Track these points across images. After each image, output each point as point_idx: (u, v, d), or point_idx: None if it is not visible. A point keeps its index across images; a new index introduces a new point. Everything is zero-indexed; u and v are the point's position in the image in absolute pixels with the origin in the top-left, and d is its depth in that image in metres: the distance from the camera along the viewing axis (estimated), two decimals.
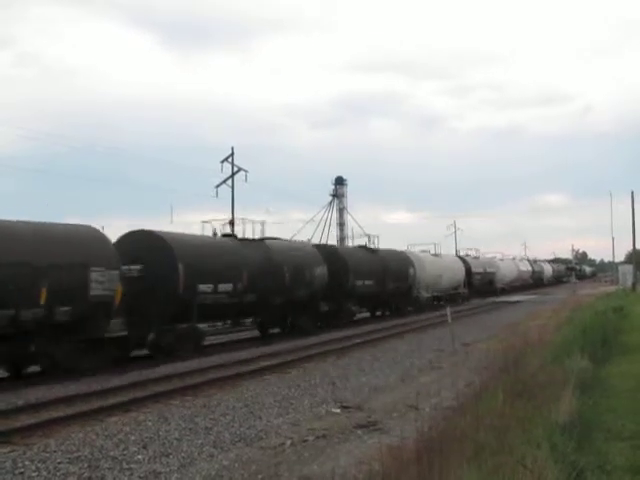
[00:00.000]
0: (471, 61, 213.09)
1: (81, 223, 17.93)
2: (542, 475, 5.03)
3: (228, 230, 27.98)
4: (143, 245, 19.54)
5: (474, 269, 51.44)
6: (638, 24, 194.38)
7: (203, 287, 20.19)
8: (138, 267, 18.78)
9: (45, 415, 11.31)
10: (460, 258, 51.72)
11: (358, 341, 22.73)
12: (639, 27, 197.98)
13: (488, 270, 56.12)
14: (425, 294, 39.16)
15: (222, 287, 21.04)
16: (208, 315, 21.46)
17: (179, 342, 19.14)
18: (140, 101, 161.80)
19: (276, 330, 25.89)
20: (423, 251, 43.67)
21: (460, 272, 46.70)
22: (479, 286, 52.68)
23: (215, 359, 18.41)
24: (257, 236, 27.04)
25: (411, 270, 36.83)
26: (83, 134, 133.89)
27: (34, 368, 16.23)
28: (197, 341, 20.22)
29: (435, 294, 41.35)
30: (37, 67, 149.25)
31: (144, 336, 18.65)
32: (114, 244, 18.31)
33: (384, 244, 37.67)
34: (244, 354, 19.46)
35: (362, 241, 38.46)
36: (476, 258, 56.88)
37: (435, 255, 44.16)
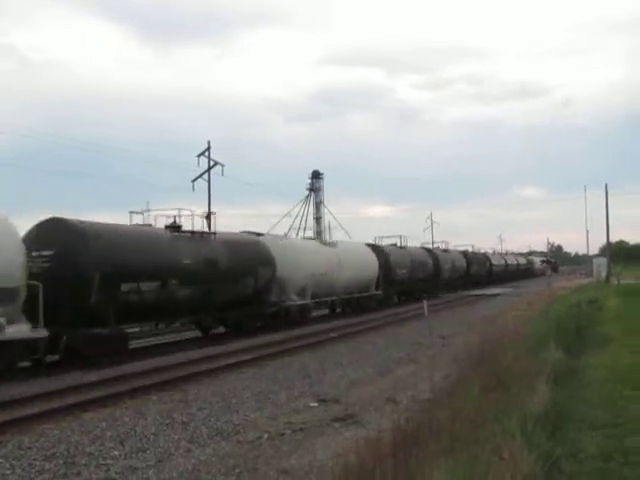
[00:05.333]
0: (450, 55, 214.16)
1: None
2: (517, 465, 5.08)
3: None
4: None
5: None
6: (615, 20, 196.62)
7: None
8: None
9: (19, 412, 11.18)
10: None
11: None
12: (617, 23, 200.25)
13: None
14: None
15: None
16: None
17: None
18: (115, 95, 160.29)
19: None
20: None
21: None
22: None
23: (192, 354, 18.34)
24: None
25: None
26: (59, 128, 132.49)
27: None
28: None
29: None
30: (14, 59, 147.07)
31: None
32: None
33: (360, 237, 39.05)
34: (221, 348, 19.41)
35: (338, 234, 39.26)
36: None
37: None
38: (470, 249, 66.50)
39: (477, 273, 61.50)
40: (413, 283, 42.72)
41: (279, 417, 10.94)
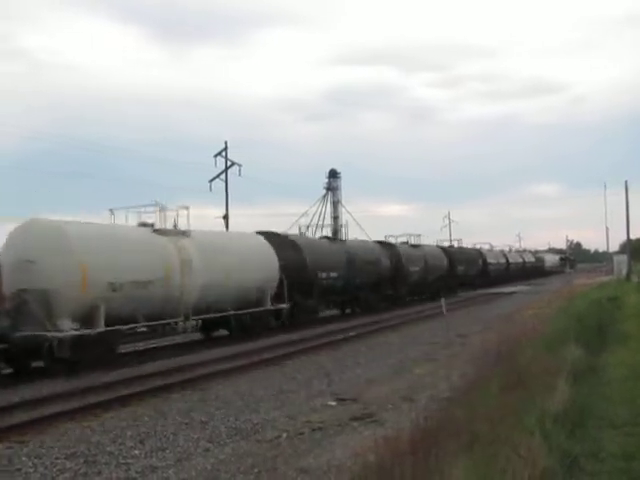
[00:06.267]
0: (463, 52, 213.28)
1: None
2: (536, 463, 5.06)
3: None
4: None
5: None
6: (629, 17, 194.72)
7: None
8: None
9: (41, 411, 11.29)
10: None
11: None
12: (630, 19, 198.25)
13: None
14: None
15: None
16: None
17: None
18: (130, 96, 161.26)
19: None
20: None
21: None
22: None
23: (210, 353, 18.42)
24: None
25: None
26: (72, 130, 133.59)
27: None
28: None
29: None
30: (24, 61, 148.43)
31: None
32: None
33: (375, 236, 37.18)
34: (237, 348, 19.46)
35: (356, 233, 37.38)
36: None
37: (415, 246, 42.53)
38: (456, 244, 56.24)
39: (465, 274, 50.36)
40: (354, 290, 31.62)
41: (298, 416, 10.96)
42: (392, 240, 40.73)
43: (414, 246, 42.08)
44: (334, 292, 29.88)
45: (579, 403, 8.01)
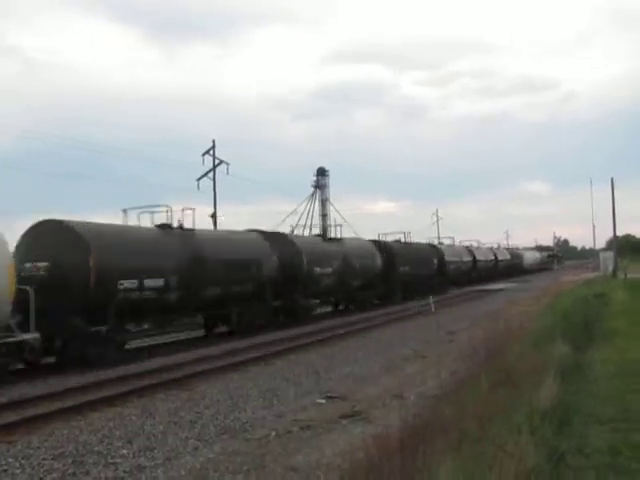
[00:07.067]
0: (454, 50, 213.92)
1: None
2: (523, 460, 5.08)
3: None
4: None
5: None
6: (618, 14, 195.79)
7: None
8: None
9: (28, 412, 11.23)
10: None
11: None
12: (620, 17, 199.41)
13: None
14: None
15: None
16: None
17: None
18: (119, 95, 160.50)
19: None
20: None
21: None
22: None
23: (198, 352, 18.37)
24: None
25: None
26: (61, 129, 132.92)
27: None
28: None
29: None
30: (18, 61, 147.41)
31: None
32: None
33: (364, 234, 35.18)
34: (227, 347, 19.43)
35: (344, 231, 36.55)
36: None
37: (331, 240, 32.60)
38: (402, 238, 41.90)
39: (412, 275, 39.10)
40: (208, 304, 21.19)
41: (286, 414, 10.96)
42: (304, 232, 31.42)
43: (330, 240, 31.65)
44: (163, 309, 19.14)
45: (566, 400, 8.06)
